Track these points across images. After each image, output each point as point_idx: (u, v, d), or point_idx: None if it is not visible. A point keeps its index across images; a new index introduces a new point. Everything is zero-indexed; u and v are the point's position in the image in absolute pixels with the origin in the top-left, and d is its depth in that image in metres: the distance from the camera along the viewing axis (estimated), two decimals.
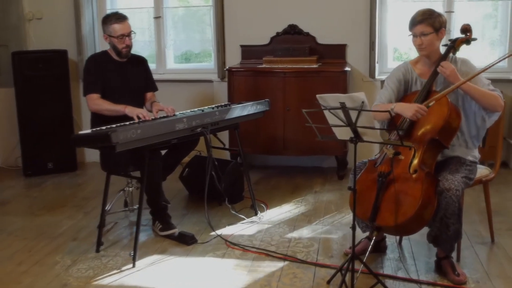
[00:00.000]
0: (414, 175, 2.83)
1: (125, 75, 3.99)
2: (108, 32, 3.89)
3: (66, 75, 5.38)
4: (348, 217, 4.06)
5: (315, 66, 4.96)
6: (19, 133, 5.36)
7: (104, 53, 4.06)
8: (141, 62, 4.17)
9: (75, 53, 5.61)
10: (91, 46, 5.64)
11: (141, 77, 4.12)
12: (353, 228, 2.85)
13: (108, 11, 5.68)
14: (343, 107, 2.56)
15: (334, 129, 2.77)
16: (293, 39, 5.27)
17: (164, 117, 3.70)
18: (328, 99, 2.64)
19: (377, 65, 5.21)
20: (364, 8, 5.14)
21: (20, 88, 5.26)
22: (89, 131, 3.32)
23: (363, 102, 2.50)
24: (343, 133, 2.74)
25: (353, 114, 2.59)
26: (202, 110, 3.79)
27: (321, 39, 5.26)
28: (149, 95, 4.19)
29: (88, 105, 3.91)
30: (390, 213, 2.82)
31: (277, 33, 5.32)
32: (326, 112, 2.71)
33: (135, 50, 5.54)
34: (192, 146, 4.07)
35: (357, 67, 5.25)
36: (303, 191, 4.70)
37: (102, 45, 5.73)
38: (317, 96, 2.69)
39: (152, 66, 5.69)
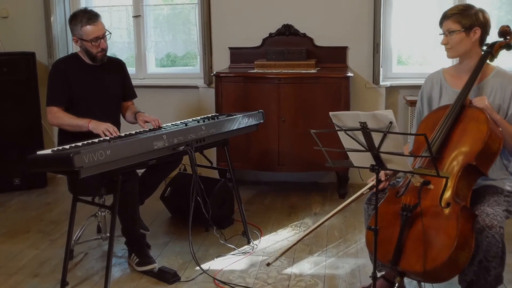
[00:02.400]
0: (446, 210, 2.30)
1: (100, 81, 3.44)
2: (79, 35, 3.32)
3: (34, 80, 4.80)
4: (355, 246, 3.53)
5: (313, 71, 4.42)
6: None
7: (74, 56, 3.50)
8: (118, 66, 3.63)
9: (45, 56, 5.03)
10: (63, 48, 5.08)
11: (119, 83, 3.58)
12: (374, 278, 2.31)
13: None
14: (363, 128, 2.03)
15: (350, 154, 2.23)
16: (288, 40, 4.75)
17: (141, 132, 3.15)
18: (344, 118, 2.11)
19: (381, 70, 4.69)
20: (367, 6, 4.64)
21: None
22: (49, 151, 2.76)
23: (391, 123, 1.97)
24: (361, 159, 2.21)
25: (376, 136, 2.05)
26: (186, 124, 3.23)
27: (320, 41, 4.74)
28: (128, 104, 3.64)
29: (48, 118, 3.38)
30: (417, 256, 2.28)
31: (270, 34, 4.79)
32: (341, 134, 2.17)
33: (111, 53, 5.03)
34: (175, 164, 3.53)
35: (359, 72, 4.74)
36: (300, 212, 4.16)
37: (75, 47, 5.15)
38: (331, 114, 2.15)
39: (131, 70, 5.18)
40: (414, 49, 4.90)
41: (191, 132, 3.09)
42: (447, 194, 2.32)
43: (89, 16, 3.32)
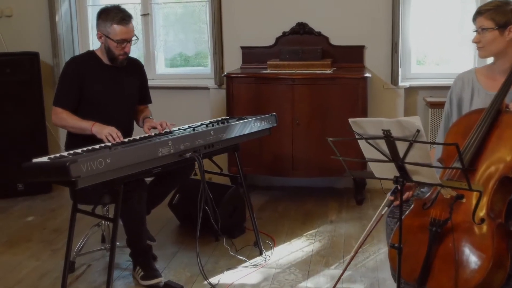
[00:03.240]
0: (480, 227, 2.07)
1: (116, 82, 3.24)
2: (106, 31, 3.11)
3: (38, 81, 4.63)
4: (374, 258, 3.31)
5: (329, 71, 4.20)
6: None
7: (91, 54, 3.29)
8: (137, 67, 3.41)
9: (50, 56, 4.86)
10: (69, 47, 4.89)
11: (135, 85, 3.36)
12: None
13: (89, 7, 4.97)
14: (387, 136, 1.80)
15: (371, 164, 2.01)
16: (302, 39, 4.53)
17: (145, 137, 2.95)
18: (366, 125, 1.89)
19: (399, 70, 4.46)
20: (385, 3, 4.40)
21: None
22: (45, 158, 2.57)
23: (418, 131, 1.75)
24: (383, 170, 1.99)
25: (401, 146, 1.83)
26: (193, 129, 3.02)
27: (335, 40, 4.51)
28: (141, 108, 3.44)
29: (52, 118, 3.19)
30: (448, 277, 2.06)
31: (284, 33, 4.57)
32: (361, 142, 1.95)
33: None
34: (187, 173, 3.32)
35: (377, 72, 4.51)
36: (316, 220, 3.94)
37: (82, 47, 5.00)
38: (350, 120, 1.93)
39: None
40: (434, 48, 4.64)
41: (199, 138, 2.88)
42: (482, 209, 2.09)
43: (122, 16, 3.10)
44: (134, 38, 3.16)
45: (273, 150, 4.18)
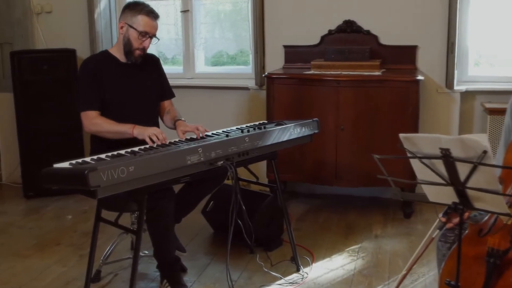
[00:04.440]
0: None
1: (135, 81, 3.07)
2: (130, 21, 2.97)
3: (74, 79, 4.50)
4: (423, 281, 3.00)
5: (377, 73, 3.90)
6: (19, 147, 4.55)
7: (105, 53, 3.13)
8: (153, 62, 3.23)
9: (87, 53, 4.72)
10: (107, 45, 4.75)
11: (155, 82, 3.18)
12: None
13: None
14: (445, 156, 1.52)
15: (425, 186, 1.73)
16: (349, 38, 4.25)
17: (175, 143, 2.74)
18: (420, 142, 1.62)
19: (455, 72, 4.11)
20: (440, 0, 4.06)
21: (19, 94, 4.42)
22: (66, 164, 2.39)
23: (485, 152, 1.46)
24: (440, 194, 1.71)
25: (462, 168, 1.55)
26: (227, 134, 2.79)
27: (385, 39, 4.21)
28: (166, 104, 3.25)
29: (84, 125, 2.98)
30: None
31: (330, 31, 4.29)
32: (414, 161, 1.67)
33: (158, 50, 4.70)
34: (221, 178, 3.10)
35: (430, 74, 4.17)
36: (359, 234, 3.65)
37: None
38: (401, 136, 1.66)
39: (178, 69, 4.85)
40: (496, 48, 4.26)
41: (232, 144, 2.64)
42: None
43: (151, 10, 3.03)
44: (155, 37, 3.04)
45: (315, 156, 3.91)
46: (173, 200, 2.80)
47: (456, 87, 4.12)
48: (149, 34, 2.99)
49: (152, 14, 3.01)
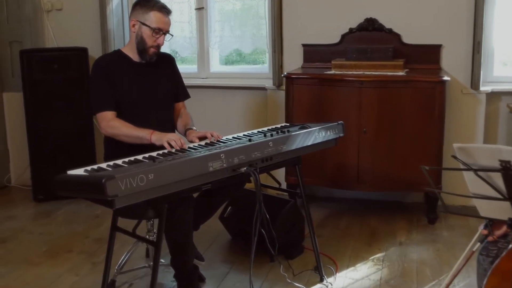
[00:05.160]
0: None
1: (150, 81, 2.95)
2: (142, 18, 2.86)
3: (86, 78, 4.37)
4: None
5: (401, 73, 3.75)
6: (29, 149, 4.42)
7: (117, 53, 3.00)
8: (168, 61, 3.11)
9: (99, 52, 4.59)
10: (119, 43, 4.62)
11: (170, 81, 3.06)
12: None
13: None
14: (505, 168, 1.37)
15: (477, 200, 1.58)
16: (371, 37, 4.09)
17: (194, 148, 2.59)
18: (477, 153, 1.47)
19: (481, 73, 3.95)
20: None
21: (29, 94, 4.30)
22: (81, 170, 2.25)
23: None
24: (493, 209, 1.56)
25: None
26: (249, 139, 2.64)
27: (408, 38, 4.06)
28: (180, 106, 3.12)
29: (101, 127, 2.86)
30: None
31: (351, 29, 4.15)
32: (468, 173, 1.52)
33: (172, 48, 4.56)
34: (242, 183, 2.95)
35: (455, 74, 4.01)
36: (383, 242, 3.50)
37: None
38: (456, 146, 1.52)
39: (192, 68, 4.71)
40: None
41: (256, 150, 2.50)
42: None
43: (163, 5, 2.93)
44: (169, 33, 2.93)
45: (336, 159, 3.76)
46: (192, 207, 2.66)
47: (481, 88, 3.97)
48: (163, 31, 2.89)
49: (165, 10, 2.91)
